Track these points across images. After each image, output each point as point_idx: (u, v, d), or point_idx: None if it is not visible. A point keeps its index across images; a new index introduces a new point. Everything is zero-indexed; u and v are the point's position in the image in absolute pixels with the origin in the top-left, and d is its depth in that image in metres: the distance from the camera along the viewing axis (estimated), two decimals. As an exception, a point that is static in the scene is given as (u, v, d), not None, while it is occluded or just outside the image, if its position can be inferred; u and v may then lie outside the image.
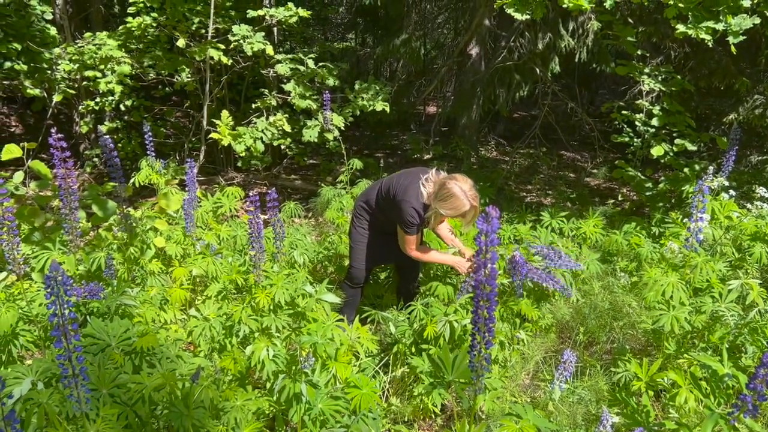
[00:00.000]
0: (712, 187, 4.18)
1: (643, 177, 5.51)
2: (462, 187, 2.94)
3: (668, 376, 2.51)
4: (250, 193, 2.83)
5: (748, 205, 4.34)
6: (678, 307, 2.89)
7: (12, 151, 3.31)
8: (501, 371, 3.06)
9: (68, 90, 6.24)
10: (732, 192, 4.30)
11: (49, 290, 1.79)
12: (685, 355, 2.89)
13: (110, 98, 6.25)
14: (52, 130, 2.66)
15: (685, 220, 3.39)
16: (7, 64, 5.89)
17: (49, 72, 6.20)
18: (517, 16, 4.07)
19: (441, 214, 3.03)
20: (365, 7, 9.19)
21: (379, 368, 3.13)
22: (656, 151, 5.09)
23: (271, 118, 5.71)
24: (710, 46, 3.81)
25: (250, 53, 5.36)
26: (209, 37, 5.69)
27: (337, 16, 12.80)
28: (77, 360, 1.87)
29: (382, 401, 2.93)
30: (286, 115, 5.79)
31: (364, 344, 2.71)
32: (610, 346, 3.48)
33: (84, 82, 6.37)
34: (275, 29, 6.82)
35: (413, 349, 3.02)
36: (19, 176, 3.39)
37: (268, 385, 2.55)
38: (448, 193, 2.95)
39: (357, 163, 5.13)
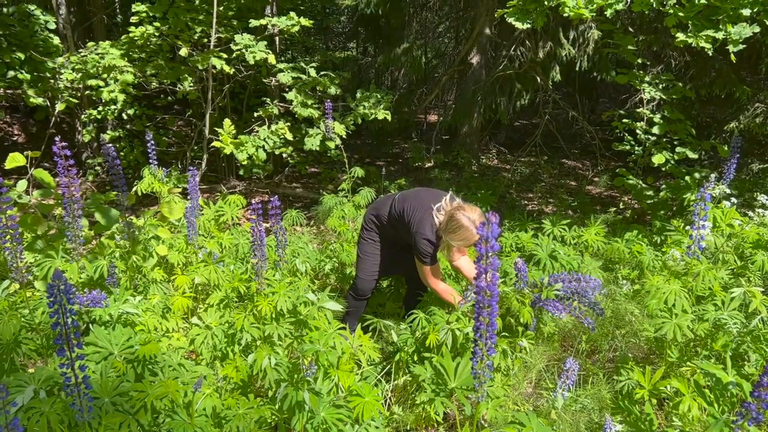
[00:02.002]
0: (714, 195, 4.18)
1: (644, 185, 5.51)
2: (471, 217, 2.91)
3: (671, 384, 2.50)
4: (252, 201, 2.84)
5: (750, 213, 4.34)
6: (680, 315, 2.88)
7: (16, 159, 3.32)
8: (503, 379, 3.05)
9: (71, 99, 6.27)
10: (733, 200, 4.30)
11: (51, 298, 1.79)
12: (688, 363, 2.88)
13: (113, 107, 6.29)
14: (56, 139, 2.66)
15: (687, 227, 3.38)
16: (11, 73, 5.92)
17: (52, 81, 6.23)
18: (518, 25, 4.09)
19: (452, 245, 3.03)
20: (366, 16, 9.23)
21: (381, 377, 3.12)
22: (657, 159, 5.10)
23: (273, 127, 5.73)
24: (710, 54, 3.83)
25: (252, 62, 5.39)
26: (211, 47, 5.72)
27: (338, 25, 12.88)
28: (79, 368, 1.88)
29: (384, 410, 2.92)
30: (288, 124, 5.81)
31: (366, 352, 2.71)
32: (613, 355, 3.48)
33: (87, 91, 6.40)
34: (277, 38, 6.87)
35: (415, 358, 3.02)
36: (22, 185, 3.40)
37: (271, 393, 2.55)
38: (457, 224, 2.92)
39: (358, 171, 5.14)
